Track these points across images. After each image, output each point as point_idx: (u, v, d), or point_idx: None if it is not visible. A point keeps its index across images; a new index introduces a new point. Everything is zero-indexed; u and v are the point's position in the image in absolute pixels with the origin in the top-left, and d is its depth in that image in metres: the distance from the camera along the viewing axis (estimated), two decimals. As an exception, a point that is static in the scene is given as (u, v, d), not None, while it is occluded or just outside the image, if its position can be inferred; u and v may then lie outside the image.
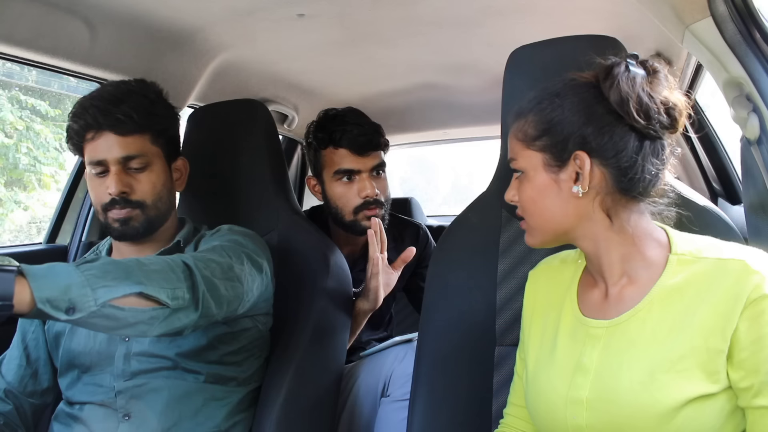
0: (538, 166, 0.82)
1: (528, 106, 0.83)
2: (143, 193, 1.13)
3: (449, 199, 10.10)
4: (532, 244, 0.87)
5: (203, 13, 1.47)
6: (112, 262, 0.84)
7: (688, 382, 0.72)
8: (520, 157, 0.84)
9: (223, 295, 0.96)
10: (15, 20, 1.25)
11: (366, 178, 1.49)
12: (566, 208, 0.81)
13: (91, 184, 1.13)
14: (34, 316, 0.74)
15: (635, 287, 0.81)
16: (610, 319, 0.81)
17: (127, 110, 1.10)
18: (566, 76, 0.83)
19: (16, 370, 1.18)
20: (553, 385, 0.84)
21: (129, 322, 0.82)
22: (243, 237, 1.15)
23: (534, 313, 0.95)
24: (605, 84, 0.78)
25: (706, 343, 0.72)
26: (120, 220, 1.11)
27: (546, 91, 0.82)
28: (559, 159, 0.80)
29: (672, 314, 0.76)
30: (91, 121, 1.09)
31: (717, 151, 1.97)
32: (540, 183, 0.82)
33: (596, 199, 0.80)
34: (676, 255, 0.79)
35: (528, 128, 0.82)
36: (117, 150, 1.10)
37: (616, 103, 0.77)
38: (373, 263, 1.45)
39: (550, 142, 0.80)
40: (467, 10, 1.52)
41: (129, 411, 1.08)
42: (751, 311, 0.70)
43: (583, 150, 0.78)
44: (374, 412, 1.41)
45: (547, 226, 0.84)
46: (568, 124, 0.79)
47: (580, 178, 0.79)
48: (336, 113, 1.53)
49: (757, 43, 0.90)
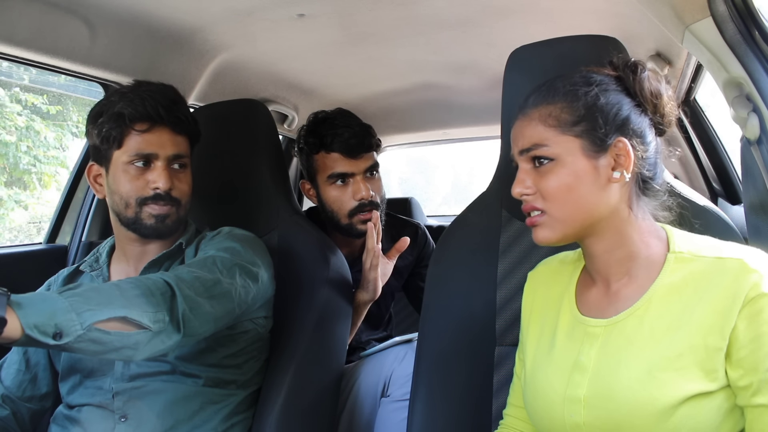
0: (576, 151, 0.80)
1: (554, 93, 0.83)
2: (181, 192, 1.15)
3: (449, 199, 10.10)
4: (549, 238, 0.83)
5: (203, 13, 1.47)
6: (93, 288, 0.86)
7: (685, 380, 0.73)
8: (552, 143, 0.81)
9: (209, 313, 0.96)
10: (15, 20, 1.25)
11: (360, 180, 1.49)
12: (599, 196, 0.80)
13: (126, 176, 1.10)
14: (23, 344, 0.75)
15: (634, 286, 0.81)
16: (609, 318, 0.82)
17: (184, 110, 1.15)
18: (582, 69, 0.85)
19: (14, 375, 1.18)
20: (551, 384, 0.84)
21: (115, 346, 0.84)
22: (241, 243, 1.14)
23: (532, 313, 0.95)
24: (634, 79, 0.82)
25: (704, 342, 0.73)
26: (158, 216, 1.11)
27: (573, 79, 0.83)
28: (600, 145, 0.80)
29: (670, 313, 0.76)
30: (152, 113, 1.09)
31: (717, 151, 1.97)
32: (579, 169, 0.80)
33: (624, 188, 0.81)
34: (675, 253, 0.80)
35: (562, 113, 0.81)
36: (170, 147, 1.12)
37: (651, 96, 0.82)
38: (373, 254, 1.45)
39: (589, 126, 0.80)
40: (467, 10, 1.52)
41: (126, 413, 1.08)
42: (749, 310, 0.71)
43: (624, 136, 0.80)
44: (374, 412, 1.41)
45: (577, 216, 0.81)
46: (611, 109, 0.80)
47: (620, 163, 0.80)
48: (326, 116, 1.52)
49: (757, 43, 0.90)
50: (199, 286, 0.97)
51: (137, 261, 1.17)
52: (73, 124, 5.29)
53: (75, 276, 1.22)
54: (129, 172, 1.10)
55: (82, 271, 1.22)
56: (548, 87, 0.84)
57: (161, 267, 1.16)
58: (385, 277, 1.51)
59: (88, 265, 1.22)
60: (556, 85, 0.83)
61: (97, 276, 1.20)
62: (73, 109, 5.26)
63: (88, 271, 1.21)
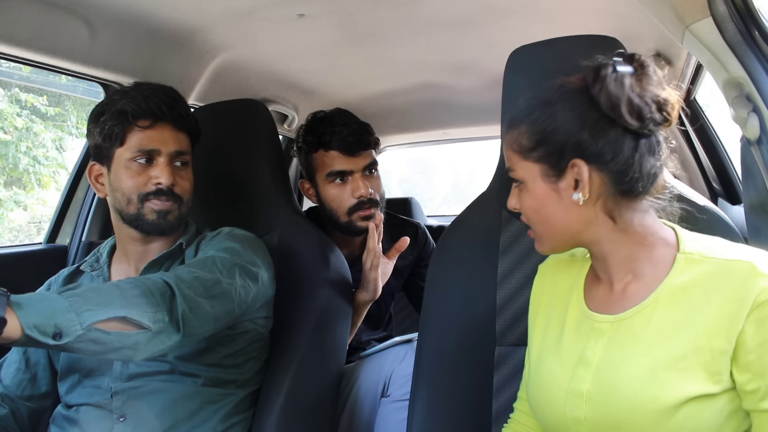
0: (537, 176, 0.81)
1: (520, 116, 0.83)
2: (183, 189, 1.15)
3: (449, 199, 10.10)
4: (543, 251, 0.87)
5: (203, 13, 1.47)
6: (93, 288, 0.86)
7: (688, 381, 0.72)
8: (517, 167, 0.84)
9: (209, 313, 0.97)
10: (15, 20, 1.25)
11: (359, 178, 1.49)
12: (569, 216, 0.81)
13: (129, 172, 1.11)
14: (23, 344, 0.75)
15: (641, 284, 0.81)
16: (616, 314, 0.81)
17: (185, 108, 1.16)
18: (556, 82, 0.82)
19: (14, 374, 1.18)
20: (554, 377, 0.84)
21: (115, 347, 0.84)
22: (241, 243, 1.14)
23: (539, 306, 0.95)
24: (594, 88, 0.77)
25: (709, 344, 0.72)
26: (160, 211, 1.12)
27: (537, 100, 0.82)
28: (557, 168, 0.79)
29: (677, 313, 0.76)
30: (155, 110, 1.10)
31: (717, 151, 1.97)
32: (540, 193, 0.81)
33: (598, 203, 0.80)
34: (684, 254, 0.79)
35: (522, 139, 0.82)
36: (172, 143, 1.13)
37: (607, 108, 0.76)
38: (374, 255, 1.45)
39: (545, 152, 0.80)
40: (467, 10, 1.52)
41: (124, 412, 1.08)
42: (758, 314, 0.70)
43: (580, 157, 0.78)
44: (374, 412, 1.41)
45: (554, 234, 0.83)
46: (562, 133, 0.78)
47: (579, 186, 0.79)
48: (324, 115, 1.53)
49: (757, 43, 0.90)
50: (198, 286, 0.97)
51: (138, 261, 1.17)
52: (72, 124, 5.29)
53: (75, 276, 1.22)
54: (131, 168, 1.11)
55: (83, 271, 1.22)
56: (519, 109, 0.84)
57: (162, 267, 1.16)
58: (385, 277, 1.51)
59: (89, 265, 1.22)
60: (521, 105, 0.83)
61: (98, 276, 1.20)
62: (72, 110, 5.26)
63: (89, 271, 1.21)
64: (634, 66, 0.78)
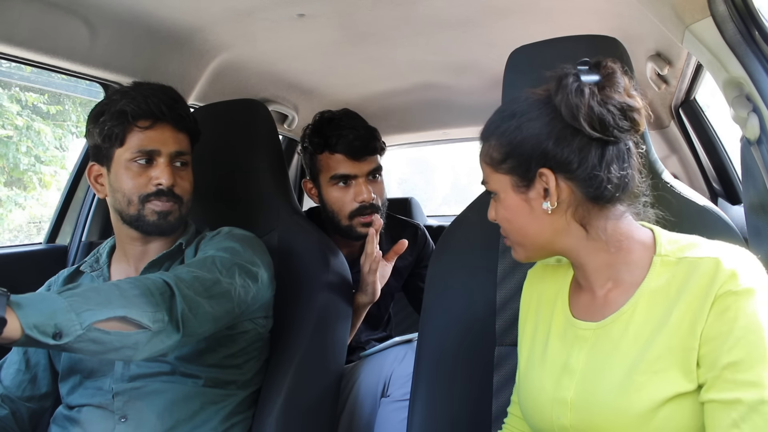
0: (507, 188, 0.83)
1: (490, 129, 0.84)
2: (183, 189, 1.16)
3: (449, 199, 10.10)
4: (519, 259, 0.88)
5: (203, 13, 1.47)
6: (93, 288, 0.86)
7: (664, 382, 0.73)
8: (490, 180, 0.85)
9: (209, 312, 0.97)
10: (15, 20, 1.25)
11: (362, 182, 1.49)
12: (540, 225, 0.82)
13: (129, 173, 1.11)
14: (23, 344, 0.75)
15: (621, 290, 0.81)
16: (598, 321, 0.82)
17: (185, 108, 1.16)
18: (523, 94, 0.83)
19: (14, 374, 1.18)
20: (542, 385, 0.85)
21: (114, 346, 0.84)
22: (240, 243, 1.14)
23: (528, 312, 0.96)
24: (557, 98, 0.78)
25: (681, 343, 0.73)
26: (161, 212, 1.12)
27: (505, 113, 0.83)
28: (525, 179, 0.81)
29: (654, 316, 0.76)
30: (155, 110, 1.10)
31: (717, 151, 1.97)
32: (511, 204, 0.83)
33: (568, 212, 0.80)
34: (660, 256, 0.79)
35: (493, 152, 0.83)
36: (172, 144, 1.13)
37: (568, 117, 0.76)
38: (373, 258, 1.45)
39: (514, 163, 0.81)
40: (467, 10, 1.52)
41: (126, 413, 1.08)
42: (717, 307, 0.71)
43: (547, 167, 0.79)
44: (374, 412, 1.41)
45: (527, 243, 0.85)
46: (528, 144, 0.79)
47: (548, 195, 0.79)
48: (332, 116, 1.52)
49: (757, 43, 0.90)
50: (198, 286, 0.97)
51: (138, 261, 1.18)
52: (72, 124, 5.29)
53: (75, 276, 1.23)
54: (131, 169, 1.11)
55: (83, 271, 1.22)
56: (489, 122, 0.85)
57: (161, 267, 1.16)
58: (384, 279, 1.51)
59: (89, 265, 1.22)
60: (492, 118, 0.85)
61: (98, 276, 1.20)
62: (72, 110, 5.26)
63: (89, 271, 1.21)
64: (600, 73, 0.78)
